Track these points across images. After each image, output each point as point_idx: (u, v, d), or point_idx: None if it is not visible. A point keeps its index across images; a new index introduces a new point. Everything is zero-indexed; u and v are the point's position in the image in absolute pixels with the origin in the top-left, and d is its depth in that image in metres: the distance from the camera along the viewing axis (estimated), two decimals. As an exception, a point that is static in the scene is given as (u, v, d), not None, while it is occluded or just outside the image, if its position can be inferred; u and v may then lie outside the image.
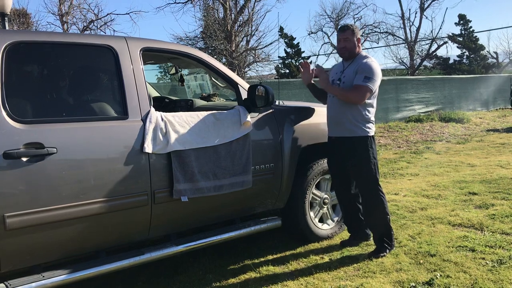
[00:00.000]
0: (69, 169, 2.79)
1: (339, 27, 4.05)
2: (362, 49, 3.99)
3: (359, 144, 3.80)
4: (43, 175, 2.70)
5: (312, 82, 4.17)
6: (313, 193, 4.21)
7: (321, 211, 4.33)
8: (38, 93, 2.95)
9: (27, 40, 2.90)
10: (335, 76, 3.96)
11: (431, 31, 34.25)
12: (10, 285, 2.66)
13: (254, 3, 22.58)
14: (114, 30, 21.60)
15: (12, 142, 2.60)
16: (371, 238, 4.07)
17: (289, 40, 27.85)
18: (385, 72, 28.79)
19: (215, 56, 19.79)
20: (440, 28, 41.97)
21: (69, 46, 3.07)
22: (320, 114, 4.17)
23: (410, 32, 32.59)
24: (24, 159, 2.63)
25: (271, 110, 3.86)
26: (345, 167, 3.95)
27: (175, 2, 22.87)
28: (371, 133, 3.84)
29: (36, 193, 2.68)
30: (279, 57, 28.12)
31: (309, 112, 4.17)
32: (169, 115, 3.27)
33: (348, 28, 3.88)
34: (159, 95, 5.25)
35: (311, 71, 4.12)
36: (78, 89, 3.16)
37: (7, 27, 6.02)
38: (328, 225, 4.38)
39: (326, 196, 4.32)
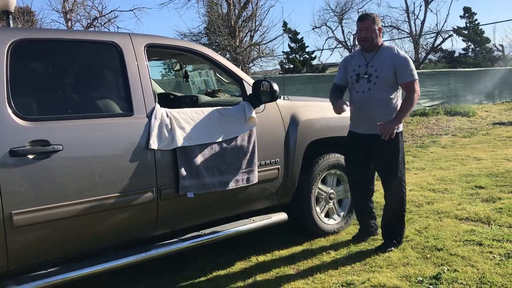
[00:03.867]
0: (75, 166, 2.80)
1: (358, 16, 3.82)
2: None
3: (391, 140, 3.61)
4: (49, 172, 2.70)
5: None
6: (319, 188, 4.20)
7: (327, 206, 4.32)
8: (43, 90, 2.95)
9: (31, 38, 2.90)
10: (359, 70, 3.74)
11: (436, 25, 34.07)
12: (18, 282, 2.67)
13: (258, -2, 22.48)
14: (118, 27, 21.53)
15: (18, 139, 2.61)
16: (379, 233, 4.06)
17: (293, 35, 27.74)
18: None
19: (219, 52, 19.74)
20: (445, 21, 41.89)
21: (74, 43, 3.07)
22: (325, 109, 4.13)
23: (415, 25, 32.40)
24: (30, 156, 2.63)
25: (276, 105, 3.85)
26: (369, 164, 3.87)
27: (178, -2, 22.84)
28: (401, 128, 3.74)
29: (43, 190, 2.68)
30: (283, 52, 28.03)
31: (314, 107, 4.15)
32: (174, 111, 3.27)
33: (369, 17, 3.69)
34: (164, 91, 5.24)
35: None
36: (83, 86, 3.16)
37: (11, 25, 6.02)
38: (334, 220, 4.38)
39: (332, 191, 4.31)
